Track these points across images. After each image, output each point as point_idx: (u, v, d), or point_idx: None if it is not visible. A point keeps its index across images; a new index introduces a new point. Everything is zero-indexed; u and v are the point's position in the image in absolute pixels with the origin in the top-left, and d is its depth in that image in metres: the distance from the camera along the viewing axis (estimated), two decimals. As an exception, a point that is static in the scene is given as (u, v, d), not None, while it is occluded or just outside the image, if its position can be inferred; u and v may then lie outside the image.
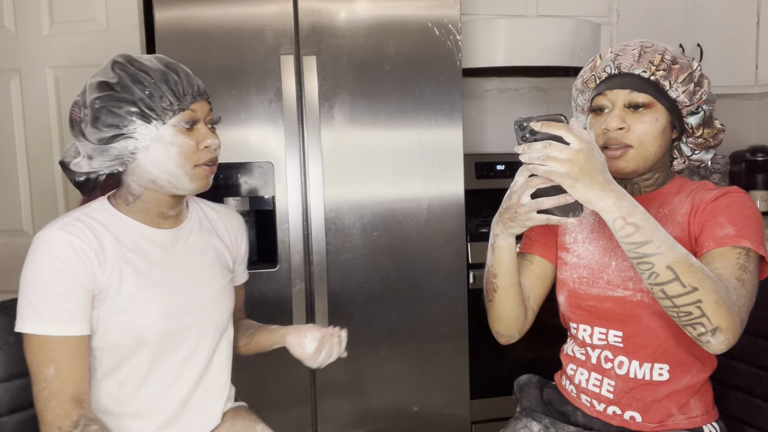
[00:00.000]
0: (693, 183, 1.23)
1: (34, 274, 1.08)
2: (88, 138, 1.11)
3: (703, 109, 1.20)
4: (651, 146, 1.16)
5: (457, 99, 2.09)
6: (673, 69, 1.16)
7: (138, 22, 2.10)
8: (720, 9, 2.91)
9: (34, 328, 1.06)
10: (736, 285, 1.03)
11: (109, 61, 1.14)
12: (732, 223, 1.09)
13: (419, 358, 2.15)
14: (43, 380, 1.05)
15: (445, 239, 2.13)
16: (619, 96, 1.17)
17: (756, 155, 3.09)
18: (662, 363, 1.17)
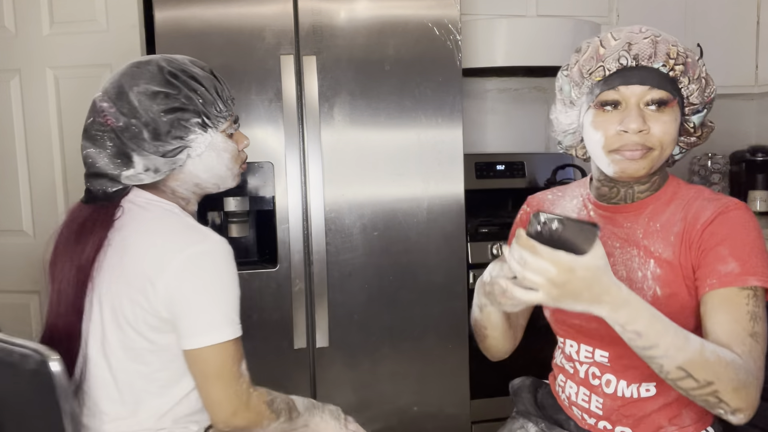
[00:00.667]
0: (688, 188, 1.14)
1: (227, 283, 1.09)
2: (149, 150, 1.09)
3: (708, 107, 1.11)
4: (669, 148, 1.07)
5: (457, 99, 2.09)
6: (688, 64, 1.06)
7: (138, 22, 2.10)
8: (720, 9, 2.91)
9: (236, 331, 1.09)
10: (752, 345, 0.95)
11: (148, 65, 1.11)
12: (735, 257, 1.00)
13: (419, 358, 2.15)
14: (241, 376, 1.10)
15: (445, 239, 2.13)
16: (636, 92, 1.05)
17: (756, 155, 3.09)
18: (650, 382, 1.13)
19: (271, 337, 2.05)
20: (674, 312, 1.02)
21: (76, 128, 2.16)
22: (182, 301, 1.05)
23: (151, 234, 1.09)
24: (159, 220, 1.12)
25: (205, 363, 1.07)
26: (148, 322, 1.07)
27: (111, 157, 1.10)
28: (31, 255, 2.19)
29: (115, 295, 1.08)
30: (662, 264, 1.07)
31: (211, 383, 1.08)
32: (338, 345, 2.09)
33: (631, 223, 1.13)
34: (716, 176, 3.22)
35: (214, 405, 1.09)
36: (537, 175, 2.90)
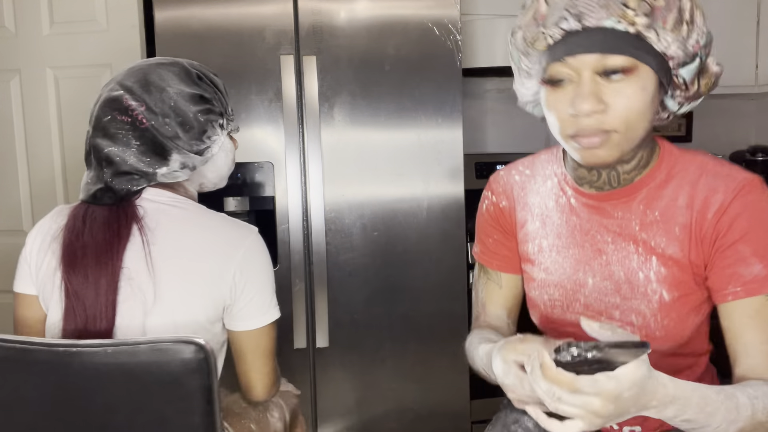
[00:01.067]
0: (686, 160, 0.93)
1: (271, 267, 1.24)
2: (186, 148, 1.13)
3: (700, 56, 0.88)
4: (639, 125, 0.86)
5: (457, 99, 2.09)
6: (657, 9, 0.82)
7: (138, 22, 2.10)
8: (720, 9, 2.90)
9: (278, 310, 1.23)
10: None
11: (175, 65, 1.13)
12: (759, 255, 0.84)
13: (419, 358, 2.15)
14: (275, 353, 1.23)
15: (445, 239, 2.13)
16: (586, 63, 0.83)
17: (756, 155, 3.09)
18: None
19: (271, 337, 2.05)
20: (688, 312, 0.92)
21: (76, 128, 2.17)
22: (249, 287, 1.14)
23: (207, 230, 1.13)
24: (205, 216, 1.16)
25: (262, 340, 1.18)
26: (209, 313, 1.12)
27: (139, 155, 1.09)
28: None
29: (175, 293, 1.07)
30: (667, 262, 0.91)
31: (262, 359, 1.19)
32: (338, 345, 2.09)
33: (623, 213, 0.95)
34: (716, 176, 3.22)
35: (263, 378, 1.20)
36: (537, 175, 2.90)
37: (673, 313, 0.91)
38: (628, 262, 0.94)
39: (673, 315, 0.91)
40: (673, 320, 0.92)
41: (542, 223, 1.03)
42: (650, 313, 0.92)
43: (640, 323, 0.93)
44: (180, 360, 0.97)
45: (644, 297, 0.93)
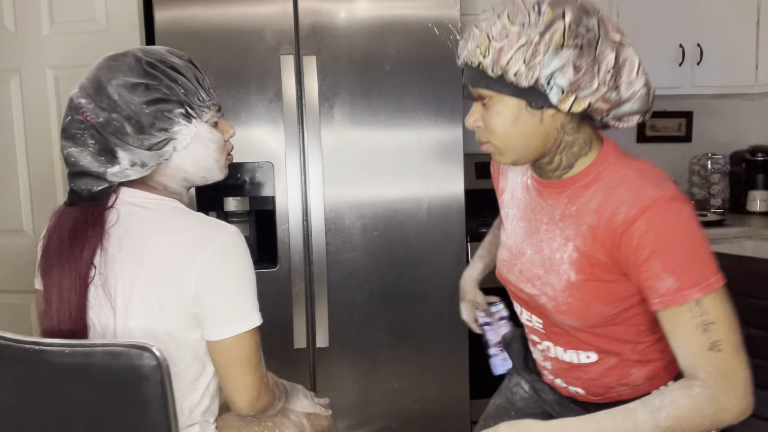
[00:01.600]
0: (613, 170, 1.02)
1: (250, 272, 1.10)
2: (133, 144, 1.05)
3: (557, 83, 0.94)
4: (509, 139, 1.02)
5: (457, 99, 2.09)
6: (497, 49, 0.96)
7: (138, 22, 2.09)
8: (720, 9, 2.91)
9: (259, 317, 1.11)
10: (714, 358, 0.91)
11: (125, 57, 1.07)
12: (669, 271, 0.92)
13: (419, 358, 2.15)
14: (261, 360, 1.14)
15: (445, 239, 2.13)
16: (474, 90, 1.04)
17: (756, 155, 3.09)
18: (587, 351, 1.11)
19: (271, 337, 2.04)
20: (593, 299, 1.02)
21: (76, 128, 2.17)
22: (212, 294, 1.05)
23: (171, 234, 1.07)
24: (173, 218, 1.09)
25: (235, 351, 1.09)
26: (179, 321, 1.06)
27: (94, 155, 1.06)
28: (31, 255, 2.19)
29: (141, 301, 1.06)
30: (579, 251, 1.03)
31: (240, 370, 1.10)
32: (338, 345, 2.09)
33: (553, 201, 1.09)
34: (716, 176, 3.22)
35: (242, 390, 1.11)
36: (537, 175, 2.90)
37: (577, 293, 1.03)
38: (551, 243, 1.08)
39: (577, 295, 1.03)
40: (577, 300, 1.04)
41: (512, 195, 1.22)
42: (559, 289, 1.06)
43: (551, 295, 1.07)
44: (131, 365, 0.94)
45: (557, 275, 1.06)
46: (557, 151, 1.04)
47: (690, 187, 3.29)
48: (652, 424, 0.90)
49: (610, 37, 0.98)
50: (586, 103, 0.97)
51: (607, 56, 0.96)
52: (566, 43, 0.93)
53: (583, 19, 0.95)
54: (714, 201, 3.22)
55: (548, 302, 1.08)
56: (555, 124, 1.01)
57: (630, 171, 1.00)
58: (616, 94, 0.98)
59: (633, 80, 0.98)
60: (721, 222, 2.77)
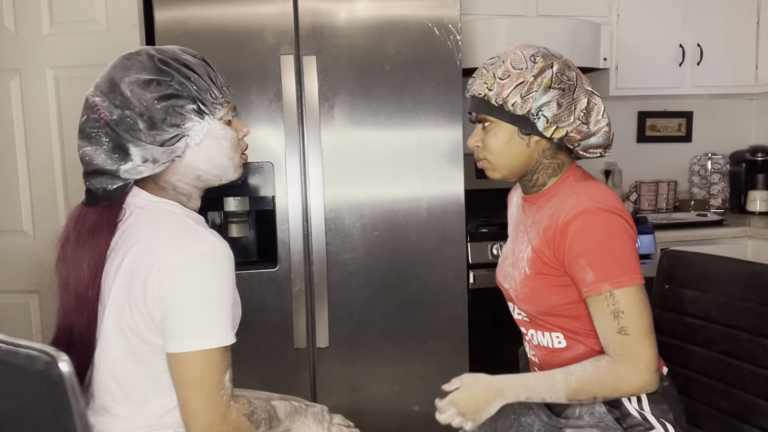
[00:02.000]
0: (571, 185, 1.27)
1: (219, 288, 1.04)
2: (146, 141, 1.05)
3: (544, 114, 1.22)
4: (502, 157, 1.28)
5: (457, 99, 2.09)
6: (501, 85, 1.24)
7: (138, 22, 2.09)
8: (720, 9, 2.91)
9: (224, 339, 1.05)
10: (622, 340, 1.16)
11: (138, 55, 1.08)
12: (590, 265, 1.18)
13: (419, 358, 2.15)
14: (222, 387, 1.05)
15: (445, 239, 2.13)
16: (474, 116, 1.32)
17: (756, 155, 3.09)
18: (556, 332, 1.30)
19: (271, 337, 2.05)
20: (543, 288, 1.25)
21: (76, 128, 2.16)
22: (172, 303, 1.02)
23: (149, 236, 1.06)
24: (158, 220, 1.09)
25: (187, 370, 1.03)
26: (148, 325, 1.05)
27: (108, 153, 1.06)
28: (31, 255, 2.19)
29: (119, 300, 1.07)
30: (534, 250, 1.27)
31: (189, 391, 1.04)
32: (338, 345, 2.09)
33: (528, 212, 1.34)
34: (716, 176, 3.23)
35: (191, 414, 1.05)
36: (537, 175, 2.90)
37: (530, 284, 1.27)
38: (520, 246, 1.33)
39: (531, 285, 1.27)
40: (530, 289, 1.28)
41: (511, 215, 1.47)
42: (519, 281, 1.31)
43: (513, 286, 1.33)
44: (41, 371, 0.91)
45: (519, 270, 1.31)
46: (536, 170, 1.31)
47: (690, 187, 3.29)
48: (564, 383, 1.19)
49: (585, 87, 1.26)
50: (564, 132, 1.23)
51: (582, 99, 1.24)
52: (553, 85, 1.22)
53: (565, 71, 1.25)
54: (714, 201, 3.22)
55: (512, 292, 1.34)
56: (538, 149, 1.28)
57: (580, 188, 1.25)
58: (587, 127, 1.24)
59: (599, 119, 1.26)
60: (721, 222, 2.77)
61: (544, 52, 1.27)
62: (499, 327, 2.39)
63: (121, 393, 1.10)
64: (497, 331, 2.39)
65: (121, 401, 1.11)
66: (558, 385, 1.20)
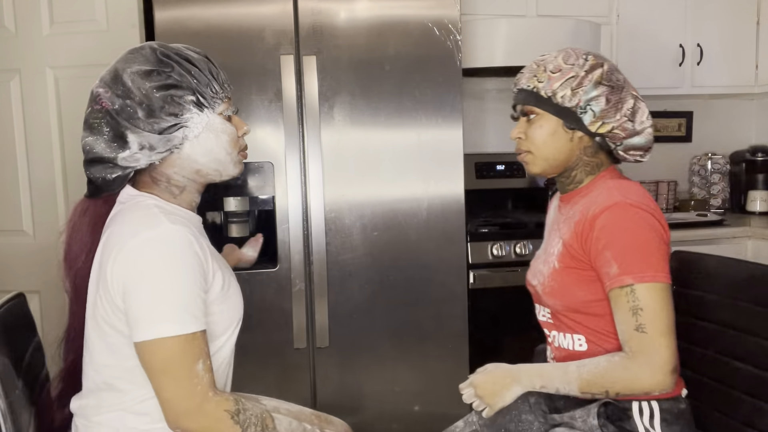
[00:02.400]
0: (605, 183, 1.28)
1: (174, 274, 1.03)
2: (144, 128, 1.07)
3: (592, 108, 1.24)
4: (544, 149, 1.29)
5: (457, 99, 2.09)
6: (551, 78, 1.26)
7: (138, 22, 2.09)
8: (720, 9, 2.91)
9: (181, 327, 1.03)
10: (639, 337, 1.16)
11: (142, 49, 1.11)
12: (615, 259, 1.18)
13: (419, 358, 2.15)
14: (195, 377, 1.04)
15: (445, 239, 2.13)
16: (519, 108, 1.34)
17: (756, 155, 3.09)
18: (578, 334, 1.30)
19: (271, 337, 2.05)
20: (571, 282, 1.26)
21: (76, 128, 2.15)
22: (130, 291, 1.02)
23: (117, 226, 1.08)
24: (126, 212, 1.10)
25: (150, 359, 1.03)
26: (115, 313, 1.06)
27: (108, 142, 1.09)
28: (31, 255, 2.19)
29: (93, 292, 1.09)
30: (564, 245, 1.28)
31: (157, 380, 1.04)
32: (338, 345, 2.09)
33: (564, 210, 1.35)
34: (716, 176, 3.22)
35: (163, 404, 1.04)
36: (537, 175, 2.90)
37: (558, 278, 1.29)
38: (552, 242, 1.35)
39: (558, 279, 1.28)
40: (558, 283, 1.29)
41: (549, 217, 1.47)
42: (547, 274, 1.32)
43: (541, 281, 1.34)
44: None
45: (548, 264, 1.33)
46: (575, 167, 1.32)
47: (690, 187, 3.29)
48: (576, 373, 1.20)
49: (631, 90, 1.29)
50: (610, 127, 1.25)
51: (629, 100, 1.27)
52: (603, 81, 1.25)
53: (615, 72, 1.28)
54: (714, 201, 3.22)
55: (539, 287, 1.34)
56: (580, 145, 1.29)
57: (614, 184, 1.26)
58: (632, 125, 1.26)
59: (644, 120, 1.28)
60: (721, 222, 2.77)
61: (596, 53, 1.31)
62: (499, 327, 2.40)
63: (102, 382, 1.12)
64: (497, 331, 2.39)
65: (104, 388, 1.12)
66: (571, 375, 1.20)
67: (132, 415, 1.11)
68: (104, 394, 1.12)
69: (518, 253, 2.34)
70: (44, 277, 1.40)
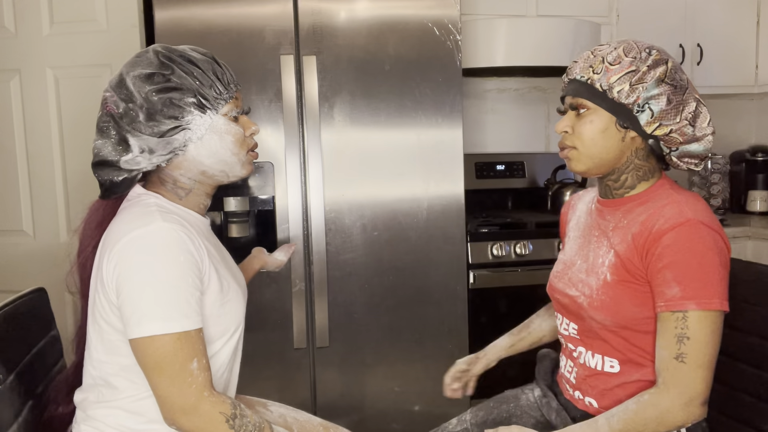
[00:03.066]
0: (668, 193, 1.19)
1: (165, 271, 1.02)
2: (144, 132, 1.08)
3: (651, 108, 1.15)
4: (592, 147, 1.19)
5: (457, 99, 2.09)
6: (609, 70, 1.16)
7: (138, 22, 2.10)
8: (720, 9, 2.91)
9: (179, 325, 1.02)
10: (675, 367, 1.09)
11: (147, 52, 1.12)
12: (677, 281, 1.09)
13: (419, 358, 2.15)
14: (189, 375, 1.03)
15: (445, 239, 2.13)
16: (568, 101, 1.24)
17: (756, 155, 3.09)
18: (612, 358, 1.22)
19: (271, 337, 2.05)
20: (623, 298, 1.17)
21: (76, 128, 2.16)
22: (122, 287, 1.02)
23: (114, 223, 1.10)
24: (126, 210, 1.11)
25: (142, 356, 1.03)
26: (113, 310, 1.06)
27: (114, 145, 1.10)
28: (31, 255, 2.19)
29: (92, 288, 1.11)
30: (617, 256, 1.18)
31: (151, 378, 1.04)
32: (338, 345, 2.09)
33: (610, 216, 1.25)
34: (716, 176, 3.22)
35: (158, 401, 1.05)
36: (537, 175, 2.90)
37: (610, 291, 1.18)
38: (598, 251, 1.24)
39: (610, 293, 1.18)
40: (609, 297, 1.18)
41: (576, 221, 1.37)
42: (596, 287, 1.21)
43: (587, 293, 1.22)
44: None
45: (596, 275, 1.22)
46: (626, 170, 1.22)
47: (690, 187, 3.29)
48: (607, 427, 1.11)
49: (694, 93, 1.18)
50: (668, 130, 1.16)
51: (691, 103, 1.17)
52: (666, 79, 1.14)
53: (679, 71, 1.17)
54: (714, 201, 3.22)
55: (585, 300, 1.22)
56: (632, 147, 1.20)
57: (679, 196, 1.17)
58: (692, 130, 1.17)
59: (705, 127, 1.18)
60: (721, 222, 2.77)
61: (660, 48, 1.19)
62: (499, 327, 2.40)
63: (99, 377, 1.13)
64: (497, 331, 2.39)
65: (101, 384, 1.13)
66: (602, 430, 1.11)
67: (126, 414, 1.11)
68: (102, 390, 1.13)
69: (518, 253, 2.34)
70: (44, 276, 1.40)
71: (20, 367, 1.22)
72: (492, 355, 1.50)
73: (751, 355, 1.32)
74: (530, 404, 1.41)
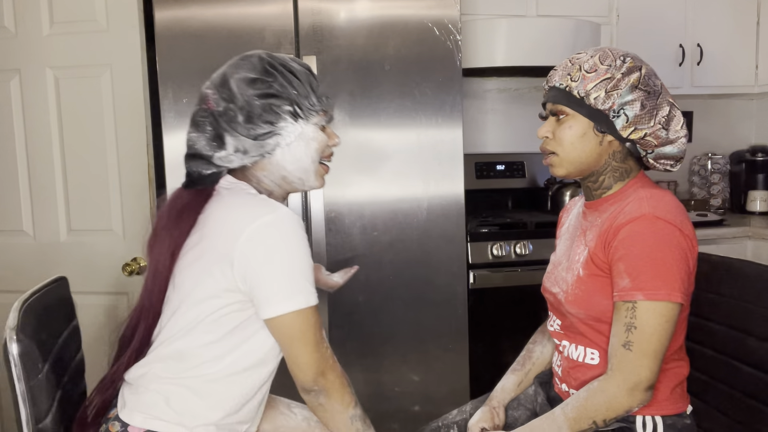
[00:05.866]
0: (636, 191, 1.23)
1: (297, 252, 1.12)
2: (241, 132, 1.15)
3: (625, 113, 1.20)
4: (572, 151, 1.25)
5: (457, 99, 2.09)
6: (586, 77, 1.22)
7: (138, 22, 2.09)
8: (720, 9, 2.91)
9: (311, 299, 1.14)
10: (622, 354, 1.14)
11: (251, 57, 1.19)
12: (628, 272, 1.14)
13: (419, 358, 2.15)
14: (324, 340, 1.17)
15: (445, 239, 2.13)
16: (548, 107, 1.29)
17: (756, 155, 3.09)
18: (594, 349, 1.27)
19: (271, 337, 2.05)
20: (594, 291, 1.22)
21: (76, 128, 2.16)
22: (255, 272, 1.10)
23: (225, 211, 1.14)
24: (235, 197, 1.17)
25: (288, 330, 1.13)
26: (230, 297, 1.12)
27: (208, 140, 1.17)
28: (31, 255, 2.19)
29: (193, 274, 1.14)
30: (589, 252, 1.25)
31: (294, 348, 1.14)
32: (338, 345, 2.09)
33: (590, 217, 1.31)
34: (716, 176, 3.23)
35: (302, 366, 1.15)
36: (537, 175, 2.90)
37: (582, 286, 1.24)
38: (577, 250, 1.30)
39: (583, 287, 1.24)
40: (582, 291, 1.24)
41: (568, 224, 1.43)
42: (570, 282, 1.27)
43: (564, 289, 1.29)
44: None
45: (571, 271, 1.29)
46: (603, 172, 1.27)
47: (690, 187, 3.29)
48: (563, 417, 1.18)
49: (668, 97, 1.23)
50: (643, 134, 1.21)
51: (665, 107, 1.22)
52: (640, 86, 1.20)
53: (652, 77, 1.23)
54: (714, 201, 3.22)
55: (562, 295, 1.29)
56: (609, 150, 1.25)
57: (645, 192, 1.21)
58: (666, 134, 1.22)
59: (678, 130, 1.23)
60: (721, 222, 2.77)
61: (634, 56, 1.26)
62: (499, 327, 2.40)
63: (179, 354, 1.17)
64: (497, 331, 2.39)
65: (174, 356, 1.18)
66: (559, 420, 1.18)
67: (191, 393, 1.16)
68: (170, 363, 1.17)
69: (518, 253, 2.34)
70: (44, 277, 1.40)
71: (52, 356, 1.26)
72: (502, 401, 1.47)
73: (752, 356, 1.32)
74: (528, 397, 1.45)
